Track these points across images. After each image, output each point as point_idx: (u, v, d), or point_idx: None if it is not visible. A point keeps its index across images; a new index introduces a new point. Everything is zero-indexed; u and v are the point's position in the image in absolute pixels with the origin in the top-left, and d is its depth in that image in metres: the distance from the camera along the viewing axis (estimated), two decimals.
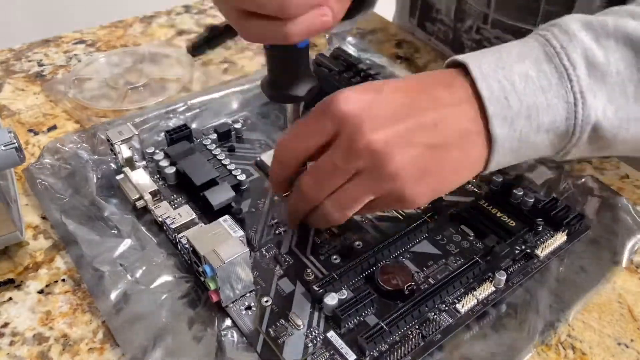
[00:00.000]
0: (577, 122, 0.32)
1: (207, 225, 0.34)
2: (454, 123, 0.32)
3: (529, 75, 0.32)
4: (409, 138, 0.31)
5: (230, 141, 0.47)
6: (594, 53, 0.32)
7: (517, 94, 0.32)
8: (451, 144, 0.32)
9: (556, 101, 0.32)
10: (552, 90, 0.32)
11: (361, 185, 0.32)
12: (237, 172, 0.42)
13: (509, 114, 0.32)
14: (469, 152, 0.33)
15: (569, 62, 0.32)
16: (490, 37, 0.53)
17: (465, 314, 0.33)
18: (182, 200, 0.41)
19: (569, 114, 0.32)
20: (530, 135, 0.32)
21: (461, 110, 0.32)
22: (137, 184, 0.41)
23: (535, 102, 0.32)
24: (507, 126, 0.32)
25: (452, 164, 0.32)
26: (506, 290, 0.34)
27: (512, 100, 0.32)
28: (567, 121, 0.32)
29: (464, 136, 0.32)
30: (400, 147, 0.30)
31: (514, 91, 0.32)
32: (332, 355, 0.31)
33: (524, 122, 0.32)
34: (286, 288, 0.35)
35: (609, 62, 0.32)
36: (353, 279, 0.35)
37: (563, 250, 0.37)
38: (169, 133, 0.45)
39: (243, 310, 0.33)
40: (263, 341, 0.32)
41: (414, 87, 0.33)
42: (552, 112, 0.32)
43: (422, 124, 0.31)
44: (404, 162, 0.31)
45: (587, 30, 0.33)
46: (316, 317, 0.33)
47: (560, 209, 0.38)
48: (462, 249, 0.37)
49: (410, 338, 0.31)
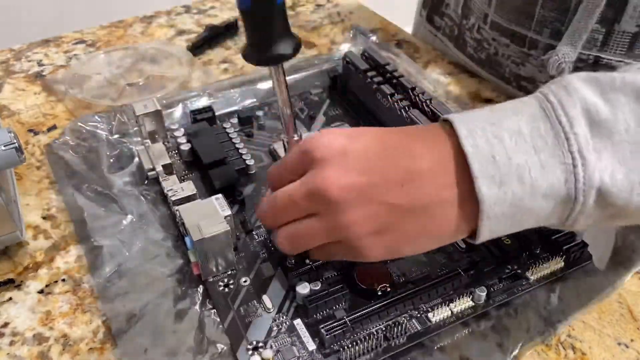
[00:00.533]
0: (577, 185, 0.28)
1: (200, 201, 0.36)
2: (425, 187, 0.29)
3: (521, 132, 0.28)
4: (370, 194, 0.29)
5: (251, 127, 0.48)
6: (598, 109, 0.28)
7: (506, 151, 0.28)
8: (417, 208, 0.29)
9: (552, 161, 0.28)
10: (547, 150, 0.28)
11: (313, 226, 0.31)
12: (248, 156, 0.44)
13: (497, 174, 0.28)
14: (439, 220, 0.30)
15: (567, 118, 0.28)
16: (489, 39, 0.52)
17: (435, 324, 0.33)
18: (192, 176, 0.43)
19: (567, 176, 0.28)
20: (525, 199, 0.28)
21: (436, 174, 0.29)
22: (153, 156, 0.43)
23: (527, 162, 0.28)
24: (495, 187, 0.28)
25: (415, 227, 0.30)
26: (486, 307, 0.34)
27: (499, 158, 0.28)
28: (566, 184, 0.28)
29: (435, 203, 0.29)
30: (358, 201, 0.29)
31: (503, 148, 0.28)
32: (293, 342, 0.32)
33: (516, 184, 0.28)
34: (266, 272, 0.36)
35: (616, 118, 0.28)
36: (332, 273, 0.35)
37: (558, 277, 0.36)
38: (193, 112, 0.47)
39: (221, 287, 0.35)
40: (232, 318, 0.33)
41: (393, 140, 0.31)
42: (549, 175, 0.28)
43: (389, 182, 0.29)
44: (358, 215, 0.29)
45: (591, 85, 0.29)
46: (287, 304, 0.34)
47: (563, 234, 0.37)
48: (450, 260, 0.36)
49: (373, 338, 0.31)
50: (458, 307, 0.33)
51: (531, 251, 0.36)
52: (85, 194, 0.42)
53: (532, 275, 0.35)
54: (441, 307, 0.33)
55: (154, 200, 0.41)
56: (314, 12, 0.70)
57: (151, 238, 0.39)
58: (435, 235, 0.31)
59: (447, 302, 0.33)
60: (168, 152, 0.44)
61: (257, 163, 0.44)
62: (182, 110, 0.50)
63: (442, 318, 0.33)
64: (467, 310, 0.33)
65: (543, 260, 0.36)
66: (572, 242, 0.36)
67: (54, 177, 0.45)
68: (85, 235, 0.39)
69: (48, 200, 0.43)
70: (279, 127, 0.48)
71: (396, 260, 0.36)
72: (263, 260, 0.36)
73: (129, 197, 0.42)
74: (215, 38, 0.63)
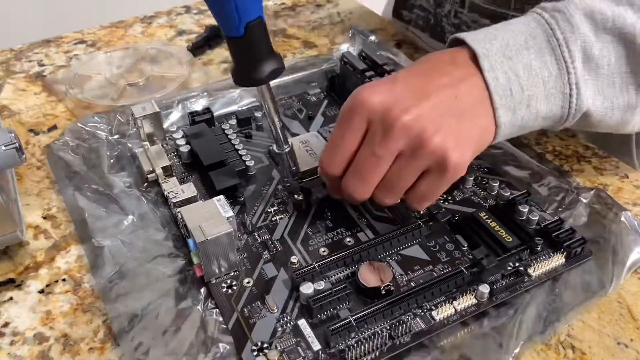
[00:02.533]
0: (570, 110, 0.36)
1: (202, 203, 0.36)
2: (469, 93, 0.34)
3: (532, 67, 0.35)
4: (437, 112, 0.33)
5: (249, 128, 0.48)
6: (592, 46, 0.35)
7: (521, 85, 0.35)
8: (473, 111, 0.34)
9: (554, 91, 0.35)
10: (552, 81, 0.35)
11: (406, 165, 0.33)
12: (247, 157, 0.44)
13: (512, 104, 0.35)
14: (487, 116, 0.35)
15: (569, 54, 0.35)
16: (468, 21, 0.53)
17: (439, 322, 0.33)
18: (192, 178, 0.43)
19: (564, 103, 0.35)
20: (530, 122, 0.36)
21: (471, 82, 0.35)
22: (152, 158, 0.43)
23: (535, 93, 0.35)
24: (510, 113, 0.35)
25: (478, 127, 0.35)
26: (489, 304, 0.34)
27: (515, 91, 0.35)
28: (562, 109, 0.36)
29: (480, 103, 0.35)
30: (433, 120, 0.33)
31: (518, 82, 0.35)
32: (298, 342, 0.32)
33: (525, 110, 0.35)
34: (269, 273, 0.36)
35: (602, 55, 0.35)
36: (335, 272, 0.35)
37: (559, 273, 0.36)
38: (191, 114, 0.47)
39: (224, 288, 0.35)
40: (236, 319, 0.33)
41: (425, 70, 0.35)
42: (550, 102, 0.35)
43: (444, 98, 0.34)
44: (440, 132, 0.33)
45: (589, 22, 0.35)
46: (291, 304, 0.34)
47: (563, 231, 0.37)
48: (452, 258, 0.36)
49: (378, 337, 0.31)
50: (461, 304, 0.33)
51: (532, 248, 0.36)
52: (85, 195, 0.42)
53: (534, 272, 0.35)
54: (445, 305, 0.33)
55: (154, 201, 0.41)
56: (314, 12, 0.70)
57: (152, 238, 0.38)
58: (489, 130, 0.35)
59: (451, 300, 0.33)
60: (167, 154, 0.44)
61: (257, 164, 0.44)
62: (181, 111, 0.50)
63: (446, 316, 0.33)
64: (471, 308, 0.33)
65: (544, 257, 0.36)
66: (572, 238, 0.36)
67: (54, 177, 0.44)
68: (87, 236, 0.39)
69: (48, 201, 0.43)
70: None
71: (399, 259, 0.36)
72: (266, 261, 0.36)
73: (130, 197, 0.41)
74: (215, 38, 0.63)
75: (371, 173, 0.34)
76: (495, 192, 0.41)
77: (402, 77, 0.35)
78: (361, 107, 0.33)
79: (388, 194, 0.35)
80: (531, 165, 0.44)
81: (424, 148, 0.32)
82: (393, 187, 0.34)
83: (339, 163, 0.35)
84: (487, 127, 0.35)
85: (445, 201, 0.41)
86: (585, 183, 0.43)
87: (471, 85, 0.34)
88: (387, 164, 0.33)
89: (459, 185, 0.42)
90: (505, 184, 0.42)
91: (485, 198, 0.41)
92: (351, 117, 0.34)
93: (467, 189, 0.42)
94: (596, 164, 0.46)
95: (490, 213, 0.38)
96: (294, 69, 0.55)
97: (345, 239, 0.38)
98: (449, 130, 0.33)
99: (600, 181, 0.44)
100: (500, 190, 0.41)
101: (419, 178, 0.34)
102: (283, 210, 0.40)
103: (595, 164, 0.46)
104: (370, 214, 0.40)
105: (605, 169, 0.45)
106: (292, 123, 0.49)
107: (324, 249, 0.37)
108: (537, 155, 0.46)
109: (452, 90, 0.34)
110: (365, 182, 0.34)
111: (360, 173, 0.34)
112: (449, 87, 0.34)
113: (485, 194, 0.41)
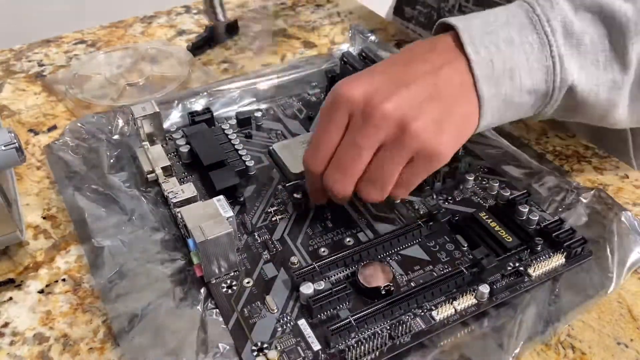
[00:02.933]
0: (555, 84, 0.35)
1: (202, 203, 0.36)
2: (450, 79, 0.34)
3: (513, 40, 0.35)
4: (417, 99, 0.33)
5: (249, 128, 0.48)
6: (572, 22, 0.35)
7: (503, 58, 0.34)
8: (454, 96, 0.34)
9: (537, 65, 0.35)
10: (534, 54, 0.35)
11: (388, 155, 0.33)
12: (247, 157, 0.44)
13: (494, 75, 0.34)
14: (470, 102, 0.35)
15: (550, 29, 0.35)
16: None
17: (439, 322, 0.33)
18: (191, 178, 0.43)
19: (547, 77, 0.35)
20: (515, 96, 0.35)
21: (451, 68, 0.34)
22: (152, 158, 0.43)
23: (518, 65, 0.35)
24: (493, 86, 0.34)
25: (460, 112, 0.34)
26: (489, 304, 0.34)
27: (496, 63, 0.34)
28: (546, 83, 0.35)
29: (461, 87, 0.34)
30: (413, 108, 0.33)
31: (499, 54, 0.34)
32: (298, 342, 0.32)
33: (508, 82, 0.35)
34: (269, 273, 0.36)
35: (583, 32, 0.35)
36: (335, 272, 0.35)
37: (559, 273, 0.36)
38: (191, 114, 0.47)
39: (224, 288, 0.35)
40: (236, 319, 0.33)
41: (404, 59, 0.35)
42: (533, 75, 0.35)
43: (424, 86, 0.34)
44: (420, 119, 0.33)
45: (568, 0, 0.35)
46: (291, 304, 0.34)
47: (563, 231, 0.37)
48: (452, 258, 0.36)
49: (378, 337, 0.31)
50: (461, 304, 0.33)
51: (532, 248, 0.36)
52: (85, 195, 0.42)
53: (534, 272, 0.35)
54: (445, 305, 0.33)
55: (154, 201, 0.41)
56: (314, 12, 0.70)
57: (152, 238, 0.38)
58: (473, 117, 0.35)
59: (451, 300, 0.33)
60: (167, 154, 0.44)
61: (257, 164, 0.44)
62: (181, 111, 0.50)
63: (446, 316, 0.33)
64: (471, 308, 0.33)
65: (544, 257, 0.36)
66: (572, 238, 0.36)
67: (54, 177, 0.44)
68: (87, 236, 0.39)
69: (48, 201, 0.43)
70: (278, 129, 0.48)
71: (399, 260, 0.36)
72: (265, 261, 0.36)
73: (130, 197, 0.41)
74: (215, 38, 0.63)
75: (352, 164, 0.33)
76: (495, 192, 0.41)
77: (381, 68, 0.35)
78: (341, 101, 0.33)
79: (372, 188, 0.34)
80: (531, 165, 0.44)
81: (405, 135, 0.32)
82: (377, 179, 0.34)
83: (322, 159, 0.35)
84: (470, 113, 0.35)
85: (445, 201, 0.41)
86: (586, 183, 0.43)
87: (451, 71, 0.34)
88: (368, 154, 0.33)
89: (459, 186, 0.42)
90: (505, 184, 0.42)
91: (485, 198, 0.41)
92: (332, 112, 0.34)
93: (467, 189, 0.42)
94: (596, 164, 0.46)
95: (490, 213, 0.38)
96: (294, 69, 0.55)
97: (345, 239, 0.38)
98: (429, 117, 0.33)
99: (601, 181, 0.44)
100: (500, 190, 0.41)
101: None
102: (283, 210, 0.40)
103: (595, 164, 0.46)
104: (370, 214, 0.40)
105: (606, 169, 0.45)
106: (292, 123, 0.49)
107: (324, 249, 0.37)
108: (537, 155, 0.46)
109: (431, 77, 0.34)
110: (346, 174, 0.34)
111: (341, 165, 0.34)
112: (428, 74, 0.34)
113: (485, 194, 0.41)
